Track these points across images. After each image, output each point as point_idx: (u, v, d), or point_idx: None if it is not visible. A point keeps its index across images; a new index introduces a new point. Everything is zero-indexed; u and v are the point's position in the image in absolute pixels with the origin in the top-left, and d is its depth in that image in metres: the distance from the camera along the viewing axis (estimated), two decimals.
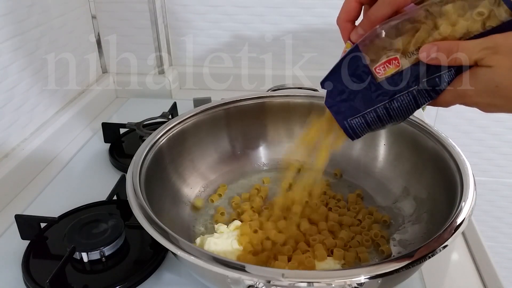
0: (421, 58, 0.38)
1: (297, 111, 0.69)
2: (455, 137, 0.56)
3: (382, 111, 0.41)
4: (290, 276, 0.37)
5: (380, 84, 0.40)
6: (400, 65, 0.39)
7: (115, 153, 0.75)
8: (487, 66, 0.35)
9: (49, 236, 0.56)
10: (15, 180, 0.67)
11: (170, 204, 0.57)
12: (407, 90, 0.39)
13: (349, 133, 0.43)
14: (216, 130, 0.66)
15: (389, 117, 0.41)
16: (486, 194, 1.17)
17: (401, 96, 0.40)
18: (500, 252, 1.26)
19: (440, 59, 0.37)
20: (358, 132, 0.43)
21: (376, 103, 0.41)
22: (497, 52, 0.35)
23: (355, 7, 0.44)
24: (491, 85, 0.35)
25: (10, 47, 0.68)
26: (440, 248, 0.39)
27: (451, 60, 0.36)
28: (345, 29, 0.44)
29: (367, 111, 0.41)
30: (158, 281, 0.51)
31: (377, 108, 0.41)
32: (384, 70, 0.39)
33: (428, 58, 0.37)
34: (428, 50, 0.37)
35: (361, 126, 0.42)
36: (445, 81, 0.38)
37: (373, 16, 0.41)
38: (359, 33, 0.42)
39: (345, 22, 0.44)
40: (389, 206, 0.59)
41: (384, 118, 0.41)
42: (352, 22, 0.44)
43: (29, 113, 0.73)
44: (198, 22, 0.98)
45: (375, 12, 0.40)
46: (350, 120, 0.42)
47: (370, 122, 0.42)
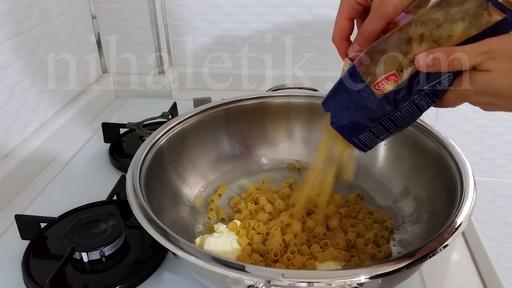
0: (418, 67, 0.38)
1: (297, 111, 0.69)
2: (455, 137, 0.56)
3: (388, 123, 0.41)
4: (290, 276, 0.37)
5: (382, 100, 0.40)
6: (399, 79, 0.39)
7: (115, 153, 0.75)
8: (485, 70, 0.35)
9: (49, 236, 0.56)
10: (15, 180, 0.67)
11: (170, 204, 0.57)
12: (409, 100, 0.39)
13: (360, 147, 0.44)
14: (216, 130, 0.66)
15: (396, 127, 0.42)
16: (486, 194, 1.17)
17: (404, 107, 0.40)
18: (500, 252, 1.26)
19: (437, 66, 0.37)
20: (368, 144, 0.44)
21: (381, 117, 0.41)
22: (494, 57, 0.35)
23: (347, 24, 0.44)
24: (489, 88, 0.36)
25: (10, 47, 0.68)
26: (440, 248, 0.39)
27: (448, 67, 0.37)
28: (341, 47, 0.45)
29: (373, 126, 0.42)
30: (158, 281, 0.51)
31: (383, 122, 0.41)
32: (383, 87, 0.40)
33: (424, 67, 0.37)
34: (424, 59, 0.37)
35: (369, 139, 0.43)
36: (445, 85, 0.38)
37: (366, 32, 0.41)
38: (356, 49, 0.42)
39: (340, 40, 0.45)
40: (389, 206, 0.59)
41: (391, 128, 0.42)
42: (347, 39, 0.45)
43: (29, 113, 0.73)
44: (198, 22, 0.98)
45: (368, 27, 0.41)
46: (359, 136, 0.43)
47: (377, 134, 0.43)
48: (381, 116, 0.41)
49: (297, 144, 0.70)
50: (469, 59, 0.35)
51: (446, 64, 0.36)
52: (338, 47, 0.45)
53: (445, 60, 0.36)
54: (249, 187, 0.63)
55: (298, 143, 0.70)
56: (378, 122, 0.41)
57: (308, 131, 0.69)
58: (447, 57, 0.36)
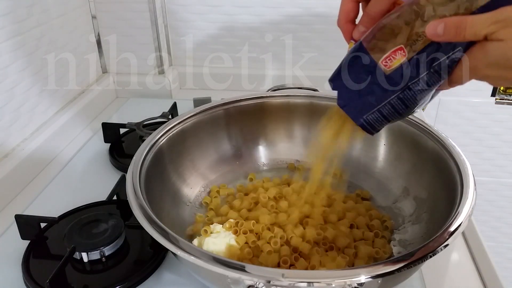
0: (428, 35, 0.36)
1: (297, 111, 0.69)
2: (455, 137, 0.56)
3: (397, 102, 0.40)
4: (290, 276, 0.37)
5: (390, 76, 0.39)
6: (406, 54, 0.38)
7: (115, 153, 0.75)
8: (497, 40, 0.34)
9: (49, 236, 0.56)
10: (15, 180, 0.67)
11: (170, 204, 0.57)
12: (418, 77, 0.38)
13: (368, 129, 0.43)
14: (216, 130, 0.66)
15: (406, 107, 0.40)
16: (486, 194, 1.17)
17: (413, 84, 0.39)
18: (500, 252, 1.26)
19: (448, 35, 0.35)
20: (376, 126, 0.42)
21: (390, 95, 0.40)
22: (508, 25, 0.33)
23: (353, 7, 0.44)
24: (502, 59, 0.34)
25: (10, 47, 0.68)
26: (440, 248, 0.39)
27: (459, 36, 0.35)
28: (347, 30, 0.44)
29: (382, 105, 0.41)
30: (158, 281, 0.51)
31: (392, 100, 0.40)
32: (391, 62, 0.39)
33: (435, 35, 0.36)
34: (435, 27, 0.36)
35: (378, 120, 0.42)
36: (454, 61, 0.37)
37: (372, 12, 0.41)
38: (361, 31, 0.42)
39: (346, 23, 0.44)
40: (389, 206, 0.59)
41: (400, 108, 0.40)
42: (352, 22, 0.44)
43: (29, 113, 0.73)
44: (198, 22, 0.98)
45: (373, 8, 0.40)
46: (366, 116, 0.42)
47: (386, 115, 0.41)
48: (390, 94, 0.40)
49: (297, 144, 0.70)
50: (482, 27, 0.34)
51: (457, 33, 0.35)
52: (343, 30, 0.44)
53: (457, 28, 0.35)
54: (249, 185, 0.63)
55: (298, 143, 0.70)
56: (387, 101, 0.40)
57: (308, 131, 0.69)
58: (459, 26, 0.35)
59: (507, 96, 0.99)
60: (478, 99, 1.02)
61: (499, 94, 0.99)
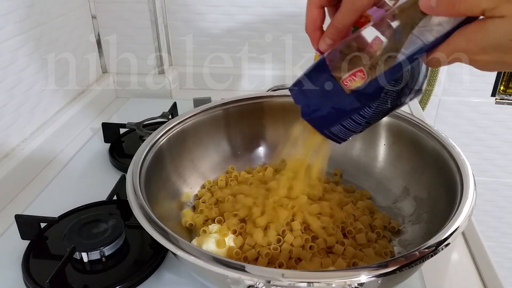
0: (421, 7, 0.33)
1: (297, 111, 0.68)
2: (455, 137, 0.56)
3: (358, 118, 0.41)
4: (290, 276, 0.37)
5: (350, 96, 0.40)
6: (366, 76, 0.38)
7: (115, 153, 0.75)
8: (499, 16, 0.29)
9: (49, 236, 0.56)
10: (15, 180, 0.67)
11: (170, 204, 0.57)
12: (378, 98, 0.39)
13: (334, 139, 0.44)
14: (216, 130, 0.66)
15: (367, 122, 0.41)
16: (486, 194, 1.17)
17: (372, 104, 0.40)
18: (500, 252, 1.26)
19: (441, 9, 0.32)
20: (341, 137, 0.43)
21: (351, 112, 0.40)
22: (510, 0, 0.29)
23: (318, 13, 0.44)
24: (504, 39, 0.30)
25: (10, 47, 0.68)
26: (440, 248, 0.39)
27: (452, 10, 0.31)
28: (314, 38, 0.44)
29: (344, 120, 0.41)
30: (158, 281, 0.51)
31: (353, 116, 0.41)
32: (351, 83, 0.39)
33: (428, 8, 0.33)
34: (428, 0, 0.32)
35: (342, 132, 0.43)
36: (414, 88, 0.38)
37: (339, 25, 0.41)
38: (327, 43, 0.42)
39: (313, 31, 0.44)
40: (389, 206, 0.59)
41: (362, 122, 0.41)
42: (319, 29, 0.44)
43: (29, 113, 0.73)
44: (198, 22, 0.98)
45: (340, 21, 0.40)
46: (330, 128, 0.43)
47: (349, 128, 0.42)
48: (351, 111, 0.40)
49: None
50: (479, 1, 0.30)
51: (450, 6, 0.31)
52: (311, 38, 0.44)
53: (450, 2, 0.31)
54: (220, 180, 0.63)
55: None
56: (348, 117, 0.41)
57: None
58: None
59: (507, 96, 1.00)
60: (478, 99, 1.02)
61: (499, 94, 0.99)
